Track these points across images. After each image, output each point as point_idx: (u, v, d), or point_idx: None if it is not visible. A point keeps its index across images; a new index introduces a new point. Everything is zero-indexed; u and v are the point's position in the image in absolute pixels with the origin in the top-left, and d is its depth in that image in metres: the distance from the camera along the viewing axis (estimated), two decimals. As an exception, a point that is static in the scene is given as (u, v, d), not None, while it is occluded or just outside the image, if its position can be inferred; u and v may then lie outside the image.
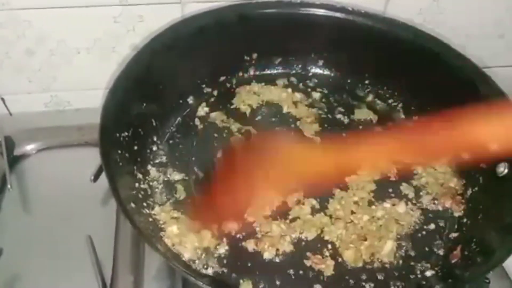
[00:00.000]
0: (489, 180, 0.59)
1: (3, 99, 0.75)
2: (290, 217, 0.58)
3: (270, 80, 0.74)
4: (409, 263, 0.56)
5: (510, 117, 0.47)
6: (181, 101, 0.70)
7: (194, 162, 0.64)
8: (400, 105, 0.72)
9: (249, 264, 0.55)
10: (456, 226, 0.60)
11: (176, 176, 0.62)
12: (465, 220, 0.60)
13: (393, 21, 0.68)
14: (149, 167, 0.62)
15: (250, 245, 0.55)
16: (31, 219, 0.63)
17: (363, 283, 0.54)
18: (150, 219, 0.56)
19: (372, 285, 0.54)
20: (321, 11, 0.68)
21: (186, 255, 0.54)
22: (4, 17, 0.64)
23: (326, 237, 0.57)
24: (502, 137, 0.46)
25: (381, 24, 0.67)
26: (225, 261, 0.55)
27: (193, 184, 0.61)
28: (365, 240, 0.56)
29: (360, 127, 0.69)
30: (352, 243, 0.56)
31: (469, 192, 0.62)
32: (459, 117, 0.48)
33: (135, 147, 0.61)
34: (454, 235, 0.59)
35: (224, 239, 0.56)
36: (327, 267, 0.54)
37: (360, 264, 0.55)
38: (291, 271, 0.54)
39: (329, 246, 0.56)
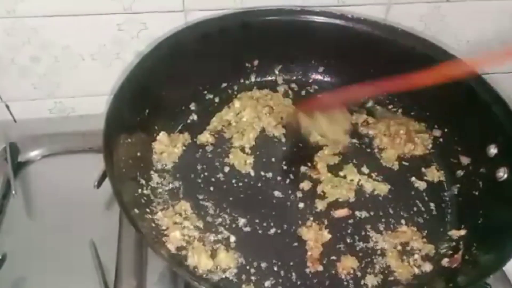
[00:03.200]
0: (489, 185, 0.60)
1: (7, 106, 0.76)
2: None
3: (271, 87, 0.74)
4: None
5: None
6: (183, 108, 0.71)
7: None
8: (399, 110, 0.73)
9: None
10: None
11: (178, 182, 0.63)
12: (465, 225, 0.60)
13: (392, 28, 0.69)
14: (152, 173, 0.63)
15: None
16: (35, 224, 0.64)
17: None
18: (153, 224, 0.57)
19: (373, 289, 0.55)
20: (321, 18, 0.69)
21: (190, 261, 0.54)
22: (10, 24, 0.65)
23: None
24: None
25: (381, 31, 0.68)
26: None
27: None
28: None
29: (361, 129, 0.70)
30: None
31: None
32: None
33: (138, 153, 0.61)
34: (454, 239, 0.59)
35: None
36: None
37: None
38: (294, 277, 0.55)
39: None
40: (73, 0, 0.64)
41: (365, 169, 0.66)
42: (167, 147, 0.65)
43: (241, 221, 0.59)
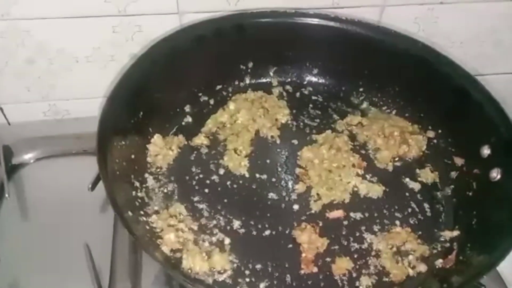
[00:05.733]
0: (483, 186, 0.60)
1: (1, 109, 0.75)
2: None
3: (266, 89, 0.74)
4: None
5: None
6: (178, 110, 0.71)
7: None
8: (394, 112, 0.73)
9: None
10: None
11: (173, 184, 0.63)
12: (459, 225, 0.60)
13: (385, 30, 0.69)
14: (146, 175, 0.63)
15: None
16: (29, 227, 0.64)
17: (359, 289, 0.55)
18: (147, 227, 0.57)
19: (369, 291, 0.55)
20: (315, 21, 0.69)
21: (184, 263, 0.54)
22: (3, 27, 0.65)
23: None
24: None
25: (374, 33, 0.69)
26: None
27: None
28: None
29: (355, 131, 0.70)
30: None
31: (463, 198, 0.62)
32: None
33: (133, 156, 0.61)
34: (448, 240, 0.59)
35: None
36: None
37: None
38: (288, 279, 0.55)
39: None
40: (67, 2, 0.64)
41: (359, 171, 0.66)
42: (161, 150, 0.65)
43: (236, 223, 0.59)
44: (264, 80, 0.76)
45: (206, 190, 0.63)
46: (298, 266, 0.56)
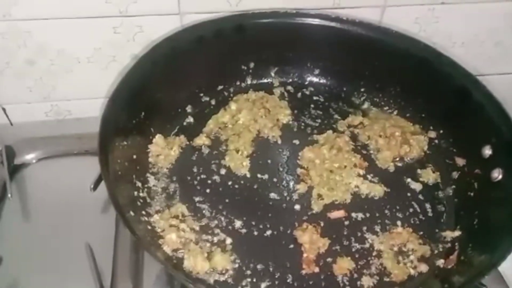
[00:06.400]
0: (484, 186, 0.60)
1: (3, 109, 0.76)
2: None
3: (267, 89, 0.74)
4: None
5: None
6: (179, 110, 0.71)
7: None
8: (395, 112, 0.73)
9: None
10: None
11: (174, 184, 0.63)
12: (460, 226, 0.60)
13: (386, 30, 0.69)
14: (148, 175, 0.63)
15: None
16: (31, 227, 0.64)
17: (361, 290, 0.55)
18: (149, 227, 0.57)
19: (370, 292, 0.55)
20: (316, 21, 0.69)
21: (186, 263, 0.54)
22: (4, 28, 0.66)
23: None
24: None
25: (375, 33, 0.69)
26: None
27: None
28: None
29: (356, 132, 0.70)
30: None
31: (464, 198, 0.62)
32: None
33: (134, 156, 0.61)
34: (450, 240, 0.59)
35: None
36: None
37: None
38: (290, 279, 0.55)
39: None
40: (68, 3, 0.64)
41: (361, 171, 0.66)
42: (163, 150, 0.65)
43: (237, 223, 0.60)
44: (265, 81, 0.76)
45: (208, 190, 0.63)
46: (299, 266, 0.56)
